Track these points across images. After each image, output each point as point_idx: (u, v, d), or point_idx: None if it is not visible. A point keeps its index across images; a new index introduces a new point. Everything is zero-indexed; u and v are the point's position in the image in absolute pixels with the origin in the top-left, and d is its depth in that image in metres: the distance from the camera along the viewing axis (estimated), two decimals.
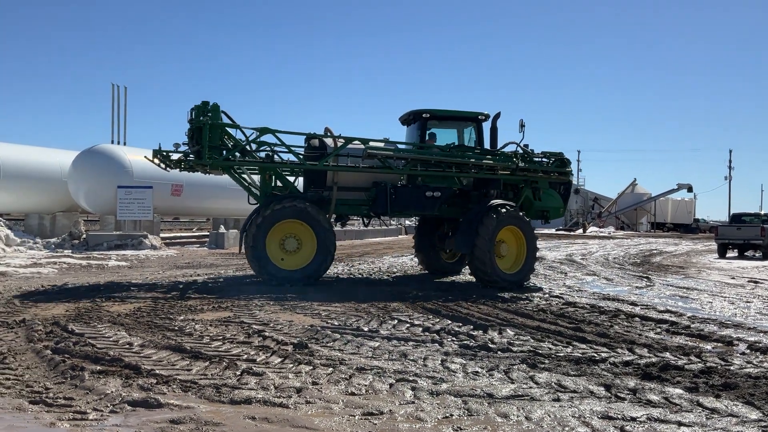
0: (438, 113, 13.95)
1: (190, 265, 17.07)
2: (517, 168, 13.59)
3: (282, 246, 12.54)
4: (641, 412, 4.77)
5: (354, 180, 13.47)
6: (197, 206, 27.40)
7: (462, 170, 13.41)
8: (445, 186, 13.48)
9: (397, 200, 13.22)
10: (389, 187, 13.18)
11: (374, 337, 7.45)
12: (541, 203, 14.20)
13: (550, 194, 14.31)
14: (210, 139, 12.56)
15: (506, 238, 12.98)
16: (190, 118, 12.68)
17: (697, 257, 25.65)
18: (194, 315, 8.76)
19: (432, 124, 14.16)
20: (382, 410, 4.70)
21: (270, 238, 12.40)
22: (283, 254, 12.53)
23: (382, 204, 13.21)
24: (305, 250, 12.57)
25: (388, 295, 11.21)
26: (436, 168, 13.35)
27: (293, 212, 12.41)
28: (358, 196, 13.59)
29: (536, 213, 14.32)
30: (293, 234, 12.55)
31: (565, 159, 14.17)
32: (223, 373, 5.64)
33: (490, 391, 5.23)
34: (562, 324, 8.61)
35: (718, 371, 6.05)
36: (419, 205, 13.41)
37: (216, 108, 12.76)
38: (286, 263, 12.47)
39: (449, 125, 14.53)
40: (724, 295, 12.50)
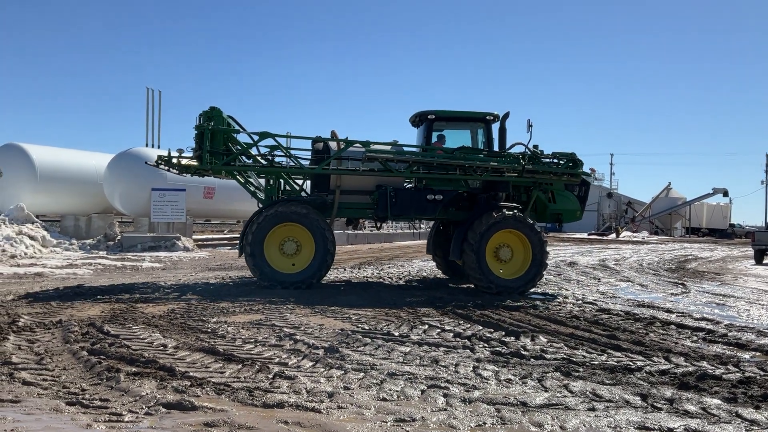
0: (444, 114, 13.74)
1: (221, 267, 17.23)
2: (523, 169, 13.15)
3: (281, 249, 12.57)
4: (678, 423, 4.68)
5: (357, 183, 13.33)
6: (228, 208, 27.70)
7: (466, 173, 13.10)
8: (447, 189, 13.25)
9: (397, 203, 13.05)
10: (389, 190, 13.06)
11: (405, 342, 7.42)
12: (556, 206, 13.80)
13: (566, 196, 13.85)
14: (214, 144, 12.76)
15: (511, 243, 12.66)
16: (197, 123, 12.91)
17: (733, 263, 25.12)
18: (226, 317, 8.83)
19: (441, 125, 13.97)
20: (414, 417, 4.68)
21: (268, 242, 12.43)
22: (283, 257, 12.55)
23: (382, 207, 13.11)
24: (304, 253, 12.55)
25: (419, 299, 11.17)
26: (438, 171, 13.12)
27: (290, 215, 12.42)
28: (362, 200, 13.44)
29: (551, 216, 13.97)
30: (292, 237, 12.56)
31: (577, 160, 13.57)
32: (255, 376, 5.67)
33: (523, 400, 5.17)
34: (596, 331, 8.49)
35: (757, 381, 5.91)
36: (420, 208, 13.21)
37: (219, 113, 12.92)
38: (285, 266, 12.49)
39: (460, 126, 14.30)
40: (761, 302, 12.22)
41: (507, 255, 12.66)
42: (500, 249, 12.65)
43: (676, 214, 68.31)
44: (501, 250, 12.65)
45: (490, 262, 12.50)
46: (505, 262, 12.67)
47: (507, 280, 12.47)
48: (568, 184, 13.75)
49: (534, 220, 13.89)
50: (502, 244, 12.64)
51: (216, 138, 12.82)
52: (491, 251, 12.56)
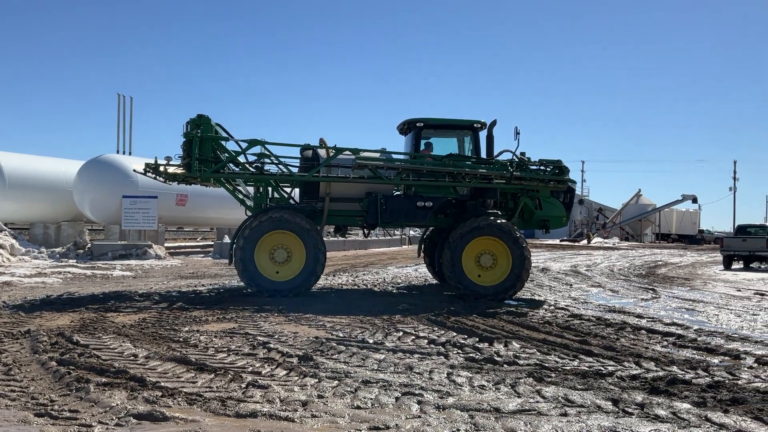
0: (432, 122, 13.78)
1: (194, 275, 17.07)
2: (511, 176, 13.27)
3: (272, 257, 12.52)
4: (649, 427, 4.74)
5: (346, 190, 13.37)
6: (202, 216, 27.48)
7: (455, 180, 13.16)
8: (436, 196, 13.26)
9: (387, 211, 13.07)
10: (379, 197, 13.08)
11: (379, 349, 7.42)
12: (542, 212, 13.88)
13: (552, 203, 13.95)
14: (202, 151, 12.72)
15: (495, 251, 12.65)
16: (185, 131, 12.85)
17: (703, 269, 25.56)
18: (199, 326, 8.75)
19: (429, 133, 14.02)
20: (388, 424, 4.68)
21: (259, 250, 12.39)
22: (273, 266, 12.50)
23: (372, 214, 13.13)
24: (295, 260, 12.52)
25: (393, 306, 11.18)
26: (427, 178, 13.18)
27: (280, 223, 12.39)
28: (352, 207, 13.49)
29: (537, 222, 14.04)
30: (283, 245, 12.52)
31: (564, 166, 13.75)
32: (228, 385, 5.62)
33: (496, 406, 5.20)
34: (568, 337, 8.57)
35: (726, 386, 6.01)
36: (410, 215, 13.22)
37: (207, 120, 12.87)
38: (276, 274, 12.44)
39: (448, 134, 14.38)
40: (730, 307, 12.44)
41: (488, 262, 12.65)
42: (482, 255, 12.66)
43: (646, 220, 69.29)
44: (483, 257, 12.66)
45: (467, 267, 12.54)
46: (487, 269, 12.67)
47: (480, 285, 12.53)
48: (554, 190, 13.86)
49: (520, 226, 13.99)
50: (484, 251, 12.65)
51: (204, 146, 12.79)
52: (471, 257, 12.61)
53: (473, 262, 12.64)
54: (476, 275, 12.62)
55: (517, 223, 13.85)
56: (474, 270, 12.63)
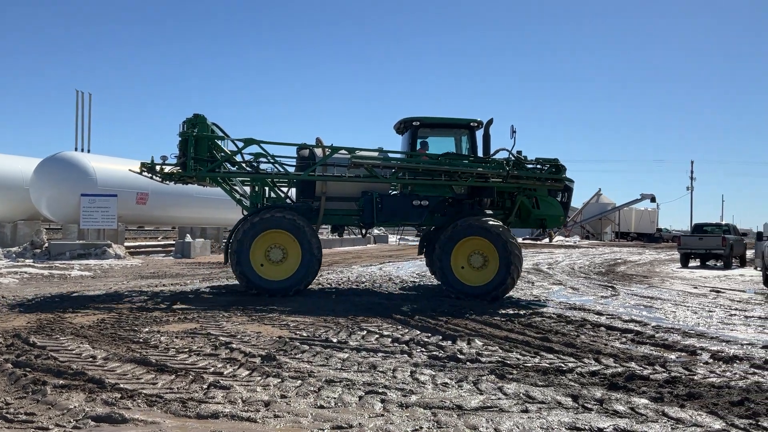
0: (428, 121, 13.67)
1: (155, 275, 16.83)
2: (508, 175, 13.02)
3: (267, 257, 12.47)
4: (608, 422, 4.82)
5: (342, 190, 13.31)
6: (163, 215, 27.06)
7: (451, 179, 13.00)
8: (433, 195, 13.20)
9: (383, 210, 13.05)
10: (375, 196, 13.05)
11: (343, 348, 7.41)
12: (540, 211, 13.70)
13: (550, 202, 13.76)
14: (198, 151, 12.74)
15: (485, 250, 12.47)
16: (181, 131, 12.83)
17: (661, 266, 26.10)
18: (159, 327, 8.62)
19: (425, 132, 13.92)
20: (352, 423, 4.67)
21: (254, 249, 12.34)
22: (269, 265, 12.46)
23: (368, 214, 13.08)
24: (291, 260, 12.47)
25: (357, 305, 11.17)
26: (423, 177, 13.08)
27: (275, 222, 12.35)
28: (348, 206, 13.42)
29: (535, 221, 13.93)
30: (278, 244, 12.48)
31: (560, 165, 13.49)
32: (189, 386, 5.55)
33: (459, 403, 5.23)
34: (530, 334, 8.67)
35: (683, 381, 6.15)
36: (406, 214, 13.21)
37: (203, 120, 12.86)
38: (272, 274, 12.39)
39: (444, 133, 14.30)
40: (687, 304, 12.72)
41: (479, 262, 12.51)
42: (472, 256, 12.54)
43: (606, 219, 70.47)
44: (473, 257, 12.54)
45: (457, 267, 12.49)
46: (477, 269, 12.53)
47: (468, 285, 12.42)
48: (552, 189, 13.68)
49: (518, 225, 13.97)
50: (475, 251, 12.52)
51: (200, 145, 12.79)
52: (461, 257, 12.53)
53: (465, 262, 12.55)
54: (466, 275, 12.53)
55: (515, 223, 13.85)
56: (465, 270, 12.55)
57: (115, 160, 25.29)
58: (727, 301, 13.56)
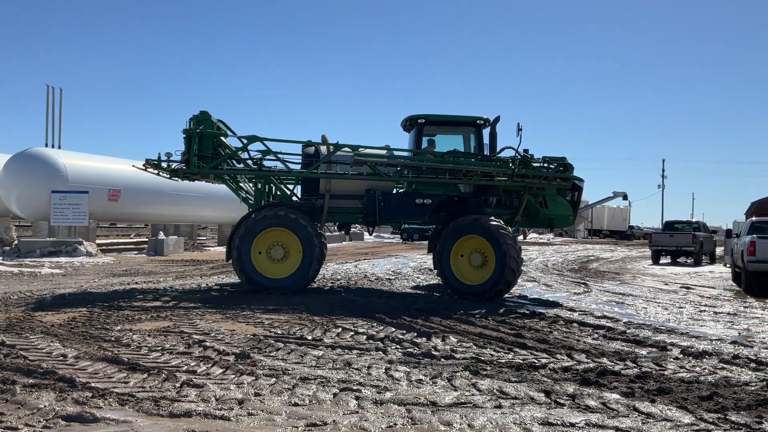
0: (433, 118, 13.43)
1: (127, 273, 16.64)
2: (513, 174, 12.66)
3: (269, 254, 12.41)
4: (580, 417, 4.88)
5: (347, 187, 13.15)
6: (135, 212, 26.71)
7: (456, 177, 12.77)
8: (436, 193, 12.99)
9: (385, 208, 12.87)
10: (378, 194, 12.90)
11: (318, 345, 7.40)
12: (548, 210, 13.41)
13: (558, 201, 13.45)
14: (202, 147, 12.78)
15: (485, 248, 12.15)
16: (187, 127, 12.89)
17: (632, 263, 26.45)
18: (132, 325, 8.53)
19: (432, 129, 13.71)
20: (326, 421, 4.67)
21: (256, 247, 12.29)
22: (270, 263, 12.40)
23: (371, 212, 12.93)
24: (292, 258, 12.39)
25: (332, 302, 11.15)
26: (427, 175, 12.91)
27: (275, 220, 12.28)
28: (352, 204, 13.25)
29: (543, 221, 13.67)
30: (280, 242, 12.41)
31: (568, 164, 13.04)
32: (162, 385, 5.50)
33: (433, 399, 5.26)
34: (504, 330, 8.73)
35: (653, 376, 6.24)
36: (408, 213, 13.05)
37: (207, 116, 12.88)
38: (273, 271, 12.33)
39: (451, 131, 14.09)
40: (658, 300, 12.91)
41: (478, 261, 12.26)
42: (472, 254, 12.30)
43: (579, 216, 70.93)
44: (473, 256, 12.30)
45: (457, 266, 12.34)
46: (477, 267, 12.29)
47: (465, 284, 12.23)
48: (560, 188, 13.33)
49: (526, 225, 13.79)
50: (475, 250, 12.28)
51: (204, 142, 12.81)
52: (461, 255, 12.36)
53: (465, 261, 12.37)
54: (466, 274, 12.33)
55: (523, 222, 13.70)
56: (465, 269, 12.36)
57: (87, 156, 24.93)
58: (697, 297, 13.79)
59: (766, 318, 10.69)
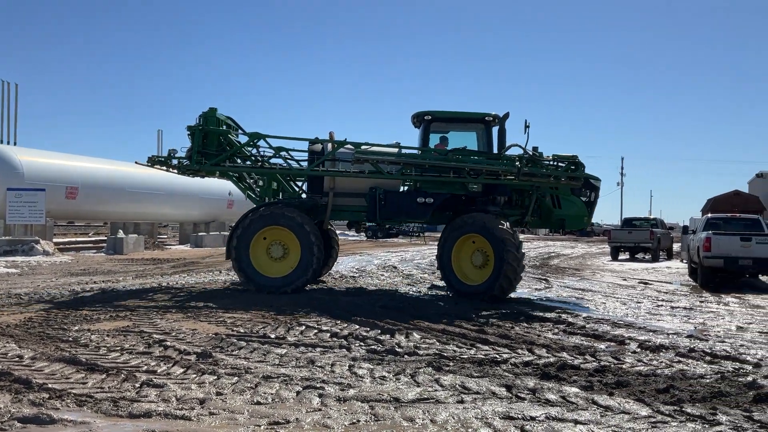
0: (440, 115, 13.01)
1: (86, 272, 16.33)
2: (519, 172, 12.13)
3: (268, 253, 12.30)
4: (540, 411, 4.95)
5: (351, 185, 12.87)
6: (94, 210, 26.21)
7: (459, 175, 12.37)
8: (440, 192, 12.57)
9: (386, 207, 12.58)
10: (378, 193, 12.57)
11: (281, 344, 7.36)
12: (561, 211, 12.70)
13: (572, 201, 12.74)
14: (209, 144, 12.83)
15: (486, 248, 11.79)
16: (196, 123, 12.95)
17: (592, 260, 26.92)
18: (90, 325, 8.37)
19: (440, 126, 13.29)
20: (289, 419, 4.65)
21: (255, 245, 12.19)
22: (270, 261, 12.30)
23: (371, 210, 12.66)
24: (291, 257, 12.24)
25: (296, 300, 11.09)
26: (431, 173, 12.51)
27: (273, 219, 12.16)
28: (357, 203, 12.94)
29: (556, 222, 12.96)
30: (279, 241, 12.29)
31: (579, 162, 12.50)
32: (121, 385, 5.42)
33: (396, 396, 5.28)
34: (466, 326, 8.81)
35: (612, 370, 6.36)
36: (410, 212, 12.72)
37: (213, 113, 12.87)
38: (272, 270, 12.21)
39: (461, 128, 13.65)
40: (616, 296, 13.17)
41: (479, 260, 11.93)
42: (474, 253, 12.00)
43: None
44: (474, 255, 12.00)
45: (458, 265, 12.07)
46: (479, 267, 11.96)
47: (465, 284, 11.94)
48: (574, 188, 12.67)
49: (538, 225, 13.43)
50: (478, 249, 11.96)
51: (210, 138, 12.84)
52: (463, 255, 12.09)
53: (467, 260, 12.09)
54: (468, 274, 12.04)
55: (535, 222, 13.24)
56: (467, 268, 12.06)
57: (44, 153, 24.36)
58: (655, 292, 14.11)
59: (721, 312, 10.98)
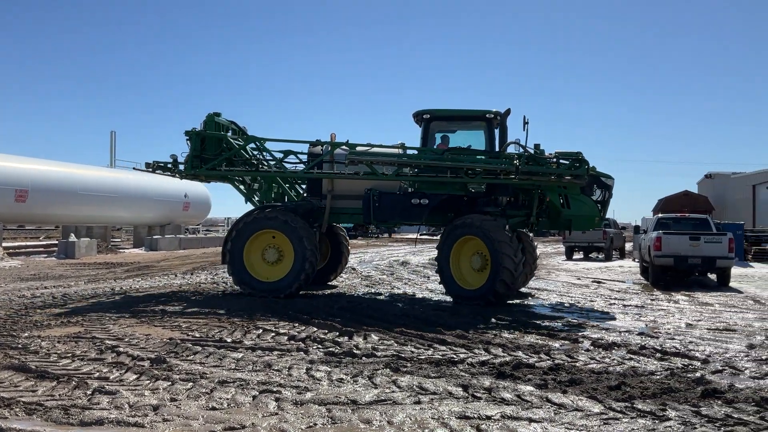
0: (439, 113, 12.62)
1: (36, 277, 15.90)
2: (518, 171, 11.58)
3: (263, 257, 12.21)
4: (496, 410, 5.01)
5: (349, 188, 12.67)
6: (45, 213, 25.53)
7: (457, 175, 11.92)
8: (437, 193, 12.20)
9: (380, 208, 12.33)
10: (372, 194, 12.32)
11: (238, 348, 7.29)
12: (570, 211, 12.04)
13: (582, 201, 12.06)
14: (207, 148, 12.85)
15: (485, 250, 11.40)
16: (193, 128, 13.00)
17: (548, 259, 27.30)
18: (40, 331, 8.16)
19: (441, 125, 12.89)
20: (245, 424, 4.61)
21: (249, 249, 12.13)
22: (264, 265, 12.22)
23: (366, 213, 12.42)
24: (286, 261, 12.12)
25: (254, 303, 11.01)
26: (428, 173, 12.15)
27: (266, 222, 12.06)
28: (355, 205, 12.68)
29: (565, 222, 12.35)
30: (274, 245, 12.18)
31: (583, 159, 11.77)
32: (72, 393, 5.30)
33: (354, 398, 5.28)
34: (424, 327, 8.85)
35: (565, 368, 6.47)
36: (404, 213, 12.36)
37: (211, 118, 12.92)
38: (266, 274, 12.12)
39: (463, 126, 13.24)
40: (571, 295, 13.39)
41: (478, 263, 11.63)
42: (473, 256, 11.71)
43: None
44: (473, 258, 11.72)
45: (457, 268, 11.82)
46: (477, 270, 11.65)
47: (463, 288, 11.65)
48: (583, 186, 12.05)
49: (547, 226, 12.86)
50: (477, 252, 11.64)
51: (209, 143, 12.86)
52: (462, 257, 11.86)
53: (467, 263, 11.84)
54: (467, 277, 11.76)
55: (543, 223, 12.65)
56: (467, 271, 11.81)
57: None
58: (608, 291, 14.39)
59: (671, 310, 11.26)
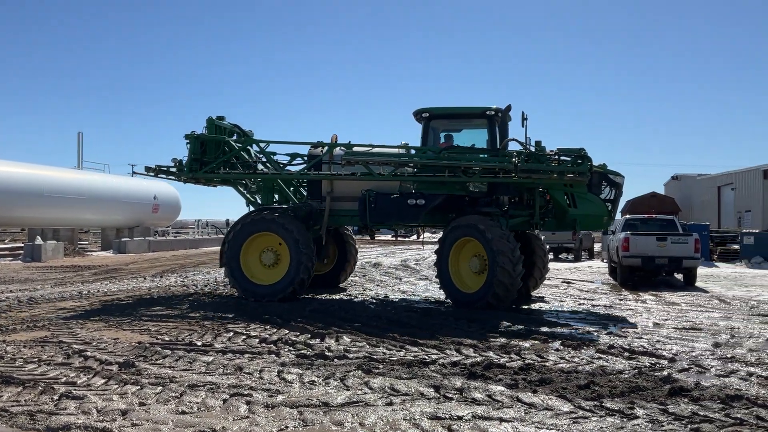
0: (438, 111, 12.26)
1: (1, 281, 15.59)
2: (516, 169, 11.29)
3: (261, 259, 12.11)
4: (467, 410, 5.03)
5: (348, 189, 12.48)
6: (9, 215, 25.04)
7: (454, 174, 11.62)
8: (435, 193, 11.95)
9: (376, 209, 12.11)
10: (368, 195, 12.11)
11: (208, 351, 7.23)
12: (577, 210, 11.67)
13: (590, 200, 11.68)
14: (208, 151, 12.85)
15: (483, 252, 11.12)
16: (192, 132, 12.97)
17: None
18: (5, 336, 8.02)
19: (441, 124, 12.57)
20: (215, 428, 4.58)
21: (246, 252, 12.04)
22: (262, 268, 12.11)
23: (361, 214, 12.23)
24: (283, 264, 11.99)
25: (225, 305, 10.94)
26: (425, 173, 11.95)
27: (262, 225, 11.97)
28: (354, 207, 12.42)
29: (572, 222, 11.97)
30: (271, 247, 12.07)
31: (585, 156, 11.40)
32: (38, 398, 5.21)
33: (325, 400, 5.27)
34: (396, 329, 8.86)
35: (536, 368, 6.53)
36: (401, 214, 12.10)
37: (212, 122, 12.87)
38: (263, 277, 12.01)
39: (464, 124, 12.87)
40: (540, 294, 13.51)
41: (477, 266, 11.36)
42: (472, 259, 11.45)
43: None
44: (472, 260, 11.46)
45: (456, 271, 11.56)
46: (476, 273, 11.38)
47: (461, 292, 11.36)
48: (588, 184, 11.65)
49: (553, 227, 12.55)
50: (476, 254, 11.37)
51: (208, 146, 12.84)
52: (461, 259, 11.61)
53: (465, 266, 11.57)
54: (467, 280, 11.50)
55: (550, 223, 12.35)
56: (466, 274, 11.57)
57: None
58: (577, 291, 14.55)
59: (639, 309, 11.43)
